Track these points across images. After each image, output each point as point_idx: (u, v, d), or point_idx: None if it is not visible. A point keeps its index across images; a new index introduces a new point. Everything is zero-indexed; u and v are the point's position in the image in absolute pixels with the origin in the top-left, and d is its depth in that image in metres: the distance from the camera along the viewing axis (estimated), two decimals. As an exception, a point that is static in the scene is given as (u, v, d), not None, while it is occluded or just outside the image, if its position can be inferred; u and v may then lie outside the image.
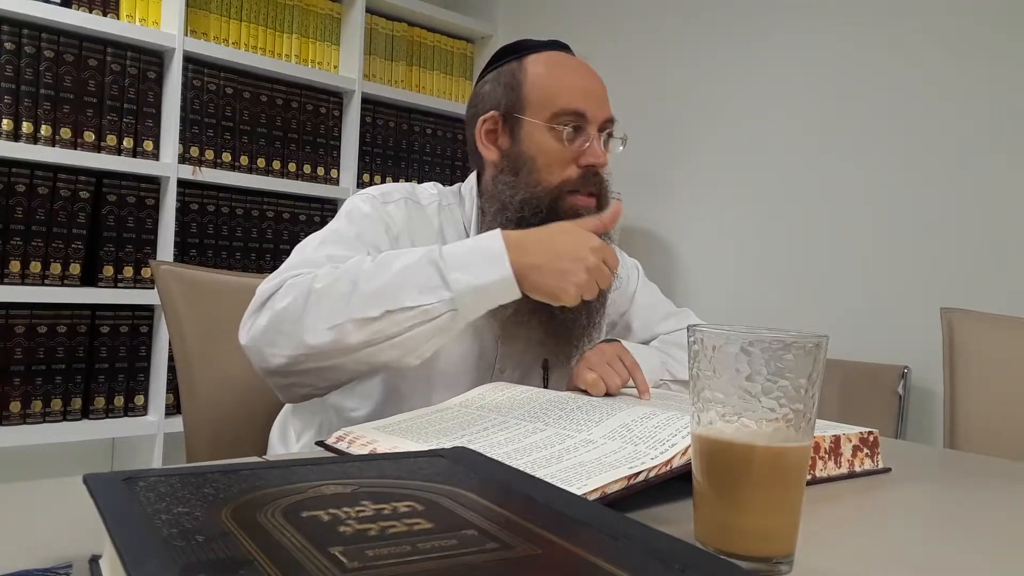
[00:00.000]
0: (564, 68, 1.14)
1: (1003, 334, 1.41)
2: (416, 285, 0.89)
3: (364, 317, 0.89)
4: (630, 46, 2.67)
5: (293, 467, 0.55)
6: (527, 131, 1.11)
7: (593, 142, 1.09)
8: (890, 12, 2.13)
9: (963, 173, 2.00)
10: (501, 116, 1.14)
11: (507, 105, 1.13)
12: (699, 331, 0.55)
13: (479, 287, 0.90)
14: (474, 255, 0.91)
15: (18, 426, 2.05)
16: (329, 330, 0.90)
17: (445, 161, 2.93)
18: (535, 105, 1.11)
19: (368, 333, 0.89)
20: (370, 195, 1.13)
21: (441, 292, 0.89)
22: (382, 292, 0.89)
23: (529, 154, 1.11)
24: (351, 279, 0.92)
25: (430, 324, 0.90)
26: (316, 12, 2.61)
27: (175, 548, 0.38)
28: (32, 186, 2.06)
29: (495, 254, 0.91)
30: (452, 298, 0.89)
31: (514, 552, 0.40)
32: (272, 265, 2.49)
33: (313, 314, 0.90)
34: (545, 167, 1.09)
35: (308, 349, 0.91)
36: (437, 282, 0.89)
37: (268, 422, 1.20)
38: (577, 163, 1.10)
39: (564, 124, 1.09)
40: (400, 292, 0.89)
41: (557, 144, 1.09)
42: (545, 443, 0.73)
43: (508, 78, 1.14)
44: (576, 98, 1.10)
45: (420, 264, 0.91)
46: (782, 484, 0.54)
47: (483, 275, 0.90)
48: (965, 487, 0.87)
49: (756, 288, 2.34)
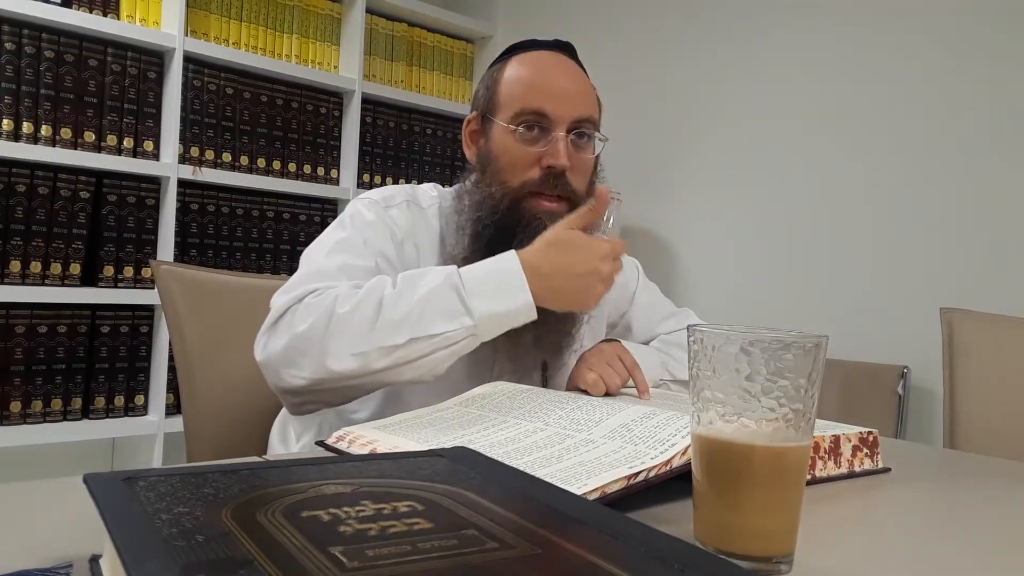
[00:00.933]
0: (534, 68, 1.12)
1: (1003, 334, 1.41)
2: (439, 312, 0.91)
3: (388, 345, 0.91)
4: (630, 46, 2.67)
5: (293, 467, 0.55)
6: (495, 132, 1.12)
7: (557, 143, 1.07)
8: (890, 12, 2.13)
9: (963, 173, 2.00)
10: (480, 117, 1.15)
11: (484, 106, 1.14)
12: (699, 331, 0.55)
13: (499, 314, 0.93)
14: (493, 281, 0.94)
15: (18, 426, 2.05)
16: (354, 356, 0.91)
17: (445, 161, 2.93)
18: (502, 106, 1.11)
19: (392, 359, 0.91)
20: (373, 200, 1.12)
21: (464, 320, 0.91)
22: (407, 320, 0.91)
23: (495, 155, 1.11)
24: (375, 304, 0.92)
25: (451, 348, 0.92)
26: (316, 12, 2.61)
27: (175, 548, 0.38)
28: (32, 186, 2.06)
29: (514, 281, 0.93)
30: (474, 325, 0.92)
31: (514, 552, 0.40)
32: (272, 265, 2.49)
33: (336, 340, 0.91)
34: (508, 168, 1.09)
35: (330, 374, 0.92)
36: (459, 309, 0.92)
37: (268, 422, 1.20)
38: (540, 164, 1.08)
39: (525, 124, 1.08)
40: (424, 319, 0.91)
41: (518, 145, 1.09)
42: (545, 443, 0.73)
43: (489, 79, 1.15)
44: (538, 98, 1.08)
45: (442, 289, 0.93)
46: (782, 484, 0.54)
47: (504, 303, 0.93)
48: (965, 487, 0.86)
49: (756, 288, 2.34)
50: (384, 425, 0.83)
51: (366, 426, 0.83)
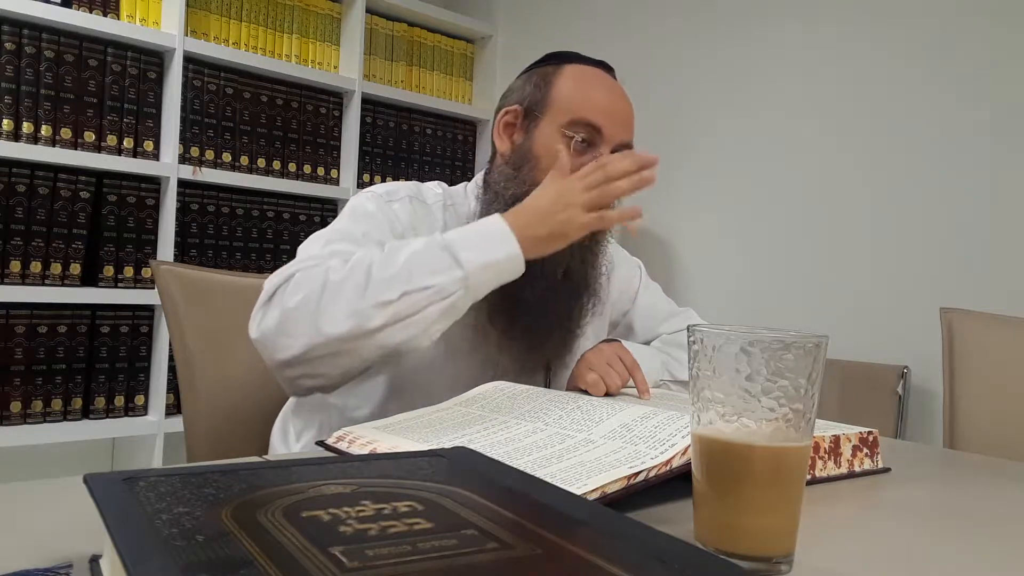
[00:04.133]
0: (594, 83, 1.14)
1: (1003, 334, 1.41)
2: (429, 267, 0.94)
3: (382, 300, 0.92)
4: (630, 46, 2.67)
5: (293, 467, 0.55)
6: (541, 131, 1.12)
7: (602, 159, 1.08)
8: (891, 11, 2.13)
9: (963, 173, 2.00)
10: (523, 111, 1.15)
11: (531, 102, 1.14)
12: (699, 331, 0.55)
13: (488, 263, 0.94)
14: (479, 235, 0.97)
15: (18, 426, 2.05)
16: (348, 317, 0.92)
17: (445, 161, 2.93)
18: (556, 108, 1.12)
19: (386, 316, 0.92)
20: (375, 193, 1.13)
21: (454, 271, 0.93)
22: (397, 277, 0.93)
23: (536, 153, 1.11)
24: (365, 268, 0.94)
25: (444, 302, 0.94)
26: (316, 12, 2.61)
27: (175, 548, 0.38)
28: (32, 186, 2.06)
29: (500, 232, 0.96)
30: (465, 275, 0.93)
31: (514, 552, 0.40)
32: (272, 265, 2.49)
33: (330, 304, 0.93)
34: (547, 170, 1.09)
35: (325, 337, 0.93)
36: (449, 262, 0.94)
37: (268, 422, 1.20)
38: None
39: (577, 133, 1.09)
40: (414, 274, 0.93)
41: (564, 150, 1.09)
42: (545, 443, 0.73)
43: (539, 78, 1.15)
44: (597, 112, 1.10)
45: (428, 249, 0.95)
46: (782, 484, 0.54)
47: (492, 252, 0.95)
48: (965, 487, 0.86)
49: (756, 288, 2.34)
50: (384, 425, 0.83)
51: (366, 426, 0.83)
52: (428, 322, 0.94)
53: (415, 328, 0.94)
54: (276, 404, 1.20)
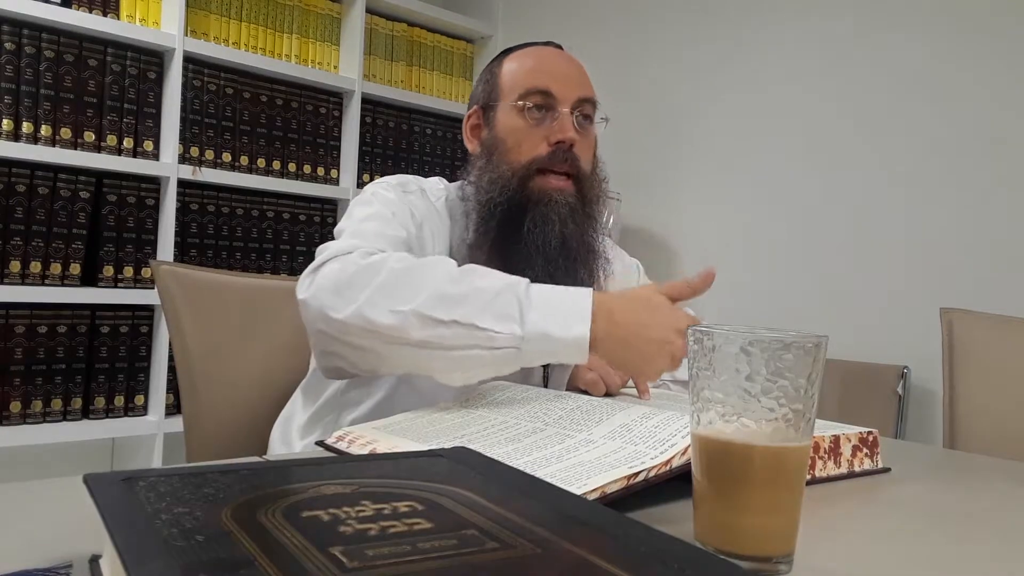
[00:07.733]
0: (534, 55, 1.18)
1: (1003, 334, 1.41)
2: (493, 309, 0.86)
3: (431, 316, 0.87)
4: (630, 45, 2.67)
5: (293, 467, 0.55)
6: (499, 116, 1.15)
7: (563, 119, 1.11)
8: (892, 9, 2.13)
9: (963, 173, 2.00)
10: (481, 109, 1.19)
11: (484, 98, 1.18)
12: (699, 331, 0.55)
13: (549, 337, 0.86)
14: (558, 305, 0.88)
15: (18, 426, 2.05)
16: (392, 313, 0.87)
17: (445, 161, 2.93)
18: (505, 91, 1.15)
19: (428, 334, 0.87)
20: (389, 183, 1.15)
21: (513, 326, 0.86)
22: (458, 301, 0.87)
23: (500, 136, 1.14)
24: (431, 274, 0.90)
25: (489, 353, 0.87)
26: (316, 12, 2.61)
27: (175, 548, 0.38)
28: (32, 186, 2.06)
29: (580, 312, 0.87)
30: (521, 336, 0.86)
31: (514, 552, 0.40)
32: (272, 265, 2.49)
33: (381, 291, 0.89)
34: (515, 147, 1.12)
35: (365, 322, 0.88)
36: (514, 315, 0.86)
37: (268, 422, 1.20)
38: (547, 141, 1.11)
39: (529, 101, 1.12)
40: (475, 309, 0.87)
41: (524, 123, 1.12)
42: (545, 443, 0.73)
43: (488, 75, 1.20)
44: (543, 78, 1.13)
45: (505, 290, 0.88)
46: (782, 484, 0.54)
47: (559, 328, 0.86)
48: (965, 487, 0.86)
49: (756, 288, 2.34)
50: (384, 425, 0.83)
51: (366, 426, 0.83)
52: (468, 366, 0.88)
53: (452, 365, 0.88)
54: (276, 404, 1.20)
